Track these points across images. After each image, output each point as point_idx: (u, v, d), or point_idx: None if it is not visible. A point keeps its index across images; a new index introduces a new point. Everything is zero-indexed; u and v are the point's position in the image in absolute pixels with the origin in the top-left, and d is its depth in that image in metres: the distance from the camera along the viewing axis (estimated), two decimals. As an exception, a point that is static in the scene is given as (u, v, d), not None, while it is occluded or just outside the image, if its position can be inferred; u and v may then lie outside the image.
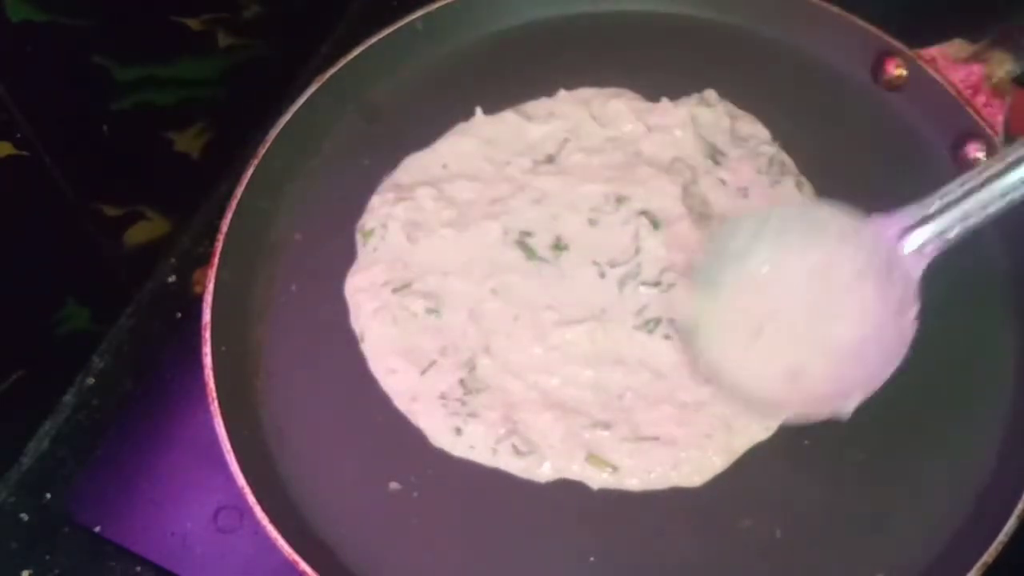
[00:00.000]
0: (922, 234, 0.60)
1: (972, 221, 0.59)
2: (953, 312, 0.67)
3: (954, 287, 0.68)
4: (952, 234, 0.60)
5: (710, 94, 0.77)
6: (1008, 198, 0.59)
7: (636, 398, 0.64)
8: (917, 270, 0.60)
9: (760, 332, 0.62)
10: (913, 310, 0.60)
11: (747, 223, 0.64)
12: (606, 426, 0.63)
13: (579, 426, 0.63)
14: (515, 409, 0.64)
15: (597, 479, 0.62)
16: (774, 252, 0.63)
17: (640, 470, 0.62)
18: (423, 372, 0.66)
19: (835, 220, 0.63)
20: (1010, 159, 0.58)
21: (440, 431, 0.64)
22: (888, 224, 0.61)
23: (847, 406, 0.59)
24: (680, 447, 0.62)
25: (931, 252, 0.61)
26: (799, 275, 0.63)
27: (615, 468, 0.62)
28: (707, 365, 0.63)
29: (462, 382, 0.65)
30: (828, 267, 0.62)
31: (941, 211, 0.60)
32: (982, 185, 0.59)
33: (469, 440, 0.63)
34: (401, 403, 0.65)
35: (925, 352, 0.65)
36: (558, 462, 0.62)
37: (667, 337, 0.66)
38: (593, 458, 0.62)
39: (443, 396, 0.65)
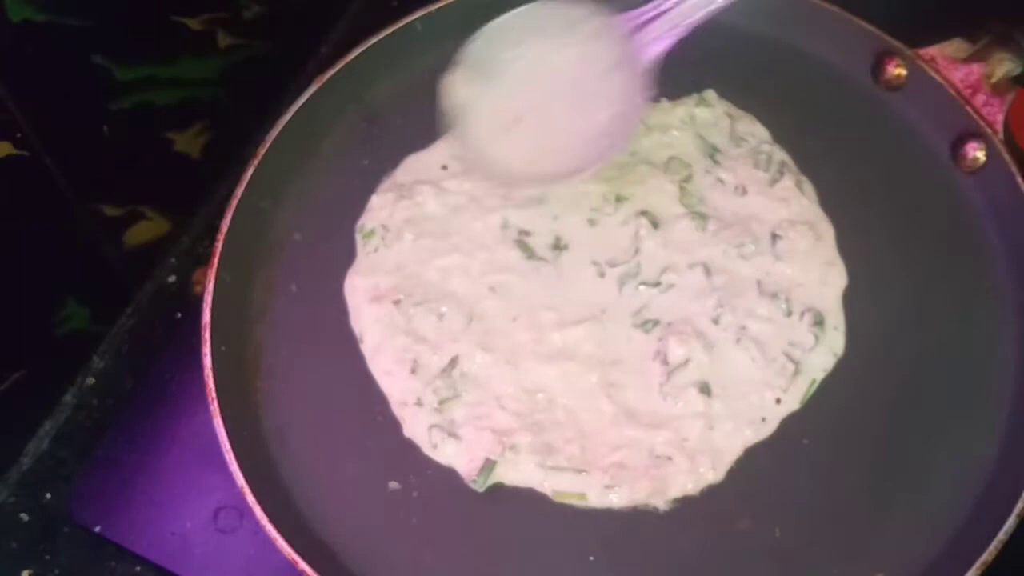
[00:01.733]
0: (655, 28, 0.66)
1: (699, 14, 0.66)
2: (953, 312, 0.67)
3: (954, 287, 0.68)
4: (681, 25, 0.66)
5: (710, 94, 0.77)
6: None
7: (621, 417, 0.64)
8: (649, 59, 0.66)
9: (519, 120, 0.67)
10: (648, 92, 0.66)
11: (516, 19, 0.68)
12: (579, 471, 0.62)
13: (552, 465, 0.62)
14: (495, 434, 0.63)
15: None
16: (534, 47, 0.68)
17: (624, 497, 0.62)
18: (412, 373, 0.66)
19: (588, 19, 0.67)
20: None
21: (423, 442, 0.64)
22: (624, 20, 0.67)
23: (587, 172, 0.66)
24: (663, 473, 0.62)
25: (664, 43, 0.66)
26: (553, 67, 0.68)
27: (583, 496, 0.62)
28: (469, 147, 0.68)
29: (441, 396, 0.65)
30: (575, 62, 0.68)
31: (673, 6, 0.66)
32: None
33: (447, 458, 0.63)
34: (394, 408, 0.65)
35: (925, 352, 0.66)
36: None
37: (660, 340, 0.66)
38: (559, 494, 0.62)
39: (419, 402, 0.65)
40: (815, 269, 0.69)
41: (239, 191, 0.70)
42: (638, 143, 0.75)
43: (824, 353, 0.66)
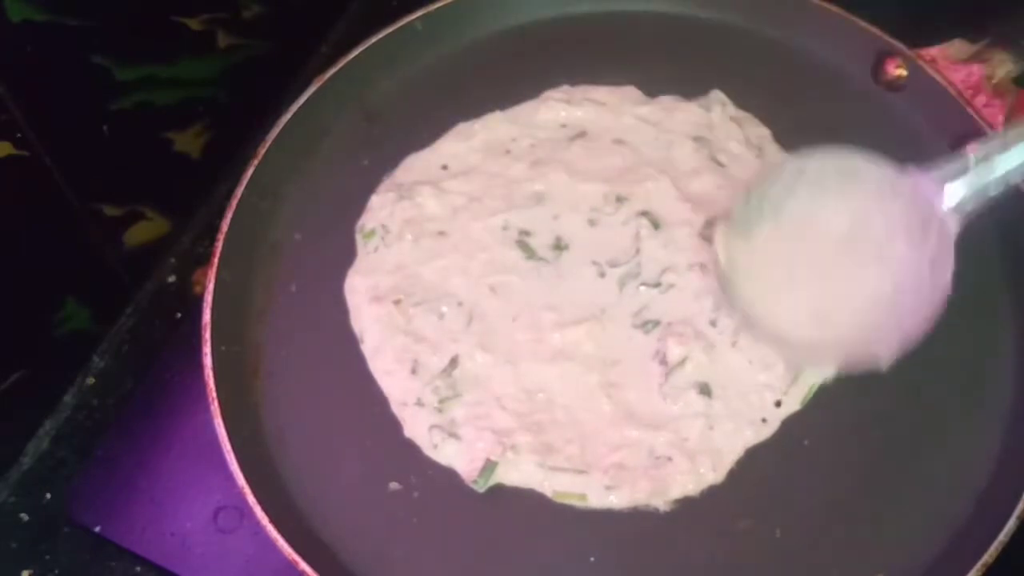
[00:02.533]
0: (959, 189, 0.60)
1: (1011, 177, 0.59)
2: (953, 312, 0.67)
3: (954, 287, 0.68)
4: (991, 190, 0.59)
5: (716, 95, 0.77)
6: None
7: (622, 417, 0.64)
8: (954, 226, 0.60)
9: (792, 277, 0.62)
10: (949, 267, 0.59)
11: (786, 170, 0.63)
12: (579, 471, 0.62)
13: (552, 465, 0.62)
14: (495, 434, 0.63)
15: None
16: (810, 200, 0.62)
17: (624, 497, 0.62)
18: (412, 373, 0.66)
19: (872, 171, 0.62)
20: None
21: (423, 443, 0.64)
22: (926, 178, 0.61)
23: (881, 358, 0.59)
24: (662, 473, 0.62)
25: (969, 208, 0.60)
26: (833, 224, 0.62)
27: (584, 496, 0.62)
28: (740, 309, 0.63)
29: (441, 396, 0.65)
30: (862, 217, 0.62)
31: (979, 165, 0.59)
32: (1021, 139, 0.58)
33: (447, 458, 0.63)
34: (394, 408, 0.65)
35: (925, 353, 0.65)
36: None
37: (660, 340, 0.66)
38: (559, 495, 0.62)
39: (420, 402, 0.65)
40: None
41: (239, 191, 0.70)
42: (640, 144, 0.75)
43: None
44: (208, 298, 0.66)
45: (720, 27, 0.82)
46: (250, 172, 0.71)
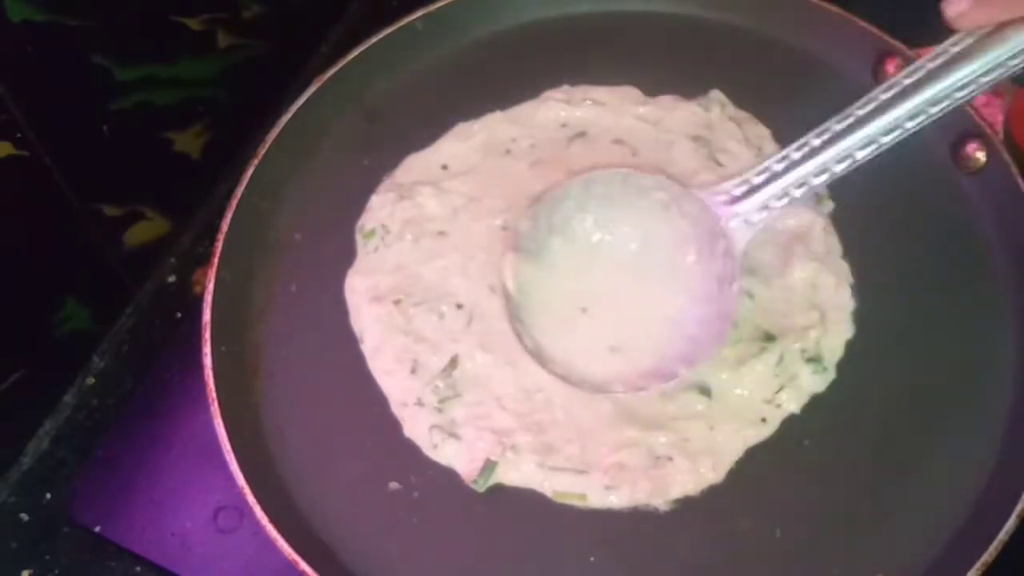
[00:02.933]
0: (746, 206, 0.61)
1: (797, 192, 0.61)
2: (953, 312, 0.67)
3: (954, 287, 0.68)
4: (779, 203, 0.61)
5: (716, 94, 0.77)
6: (829, 172, 0.61)
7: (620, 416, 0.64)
8: (741, 242, 0.61)
9: (584, 311, 0.63)
10: (737, 283, 0.60)
11: (572, 190, 0.63)
12: (579, 471, 0.62)
13: (552, 465, 0.62)
14: (495, 434, 0.63)
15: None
16: (596, 220, 0.63)
17: (624, 497, 0.62)
18: (412, 373, 0.66)
19: (659, 189, 0.63)
20: (836, 127, 0.61)
21: (423, 443, 0.64)
22: (712, 195, 0.62)
23: (671, 382, 0.61)
24: (663, 474, 0.62)
25: (756, 224, 0.61)
26: (622, 244, 0.63)
27: (584, 496, 0.62)
28: (535, 348, 0.63)
29: (441, 396, 0.65)
30: (650, 237, 0.63)
31: (766, 182, 0.61)
32: (806, 157, 0.61)
33: (447, 458, 0.63)
34: (394, 408, 0.65)
35: (925, 352, 0.66)
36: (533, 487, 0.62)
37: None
38: (559, 495, 0.62)
39: (419, 402, 0.65)
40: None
41: (239, 191, 0.70)
42: (640, 144, 0.74)
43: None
44: (208, 298, 0.66)
45: (720, 27, 0.82)
46: (250, 172, 0.71)
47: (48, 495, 0.70)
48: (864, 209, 0.71)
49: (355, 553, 0.60)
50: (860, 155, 0.62)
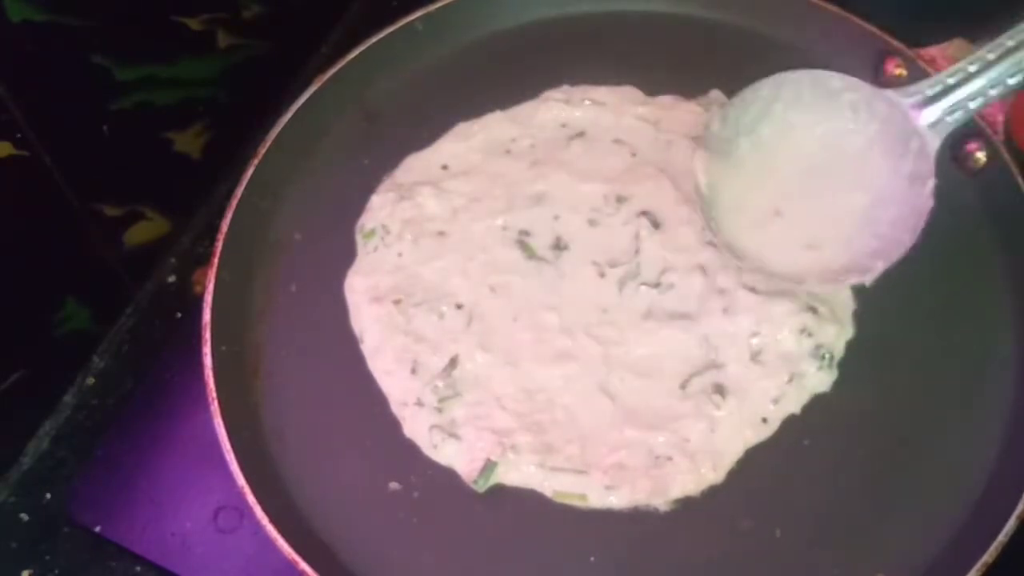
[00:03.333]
0: (940, 106, 0.61)
1: (992, 92, 0.60)
2: (953, 313, 0.67)
3: (954, 288, 0.68)
4: (973, 104, 0.60)
5: (715, 94, 0.77)
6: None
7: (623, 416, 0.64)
8: (935, 142, 0.61)
9: (777, 212, 0.62)
10: (930, 183, 0.60)
11: (762, 90, 0.63)
12: (579, 472, 0.62)
13: (552, 466, 0.62)
14: (495, 434, 0.63)
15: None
16: (786, 121, 0.63)
17: (624, 497, 0.62)
18: (412, 373, 0.66)
19: (848, 90, 0.62)
20: None
21: (423, 443, 0.64)
22: (904, 95, 0.61)
23: (867, 276, 0.61)
24: (662, 473, 0.62)
25: (950, 124, 0.61)
26: (811, 145, 0.63)
27: (584, 497, 0.62)
28: (727, 243, 0.63)
29: (441, 396, 0.65)
30: (839, 136, 0.62)
31: (960, 83, 0.60)
32: (1001, 57, 0.60)
33: (447, 458, 0.63)
34: (394, 408, 0.65)
35: (925, 352, 0.66)
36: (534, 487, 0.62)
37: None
38: (559, 495, 0.62)
39: (419, 402, 0.65)
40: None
41: (239, 191, 0.70)
42: (640, 144, 0.75)
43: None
44: (208, 298, 0.66)
45: (720, 27, 0.82)
46: (250, 172, 0.71)
47: (48, 495, 0.70)
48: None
49: (355, 553, 0.60)
50: None
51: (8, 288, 0.69)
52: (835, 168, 0.63)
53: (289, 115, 0.74)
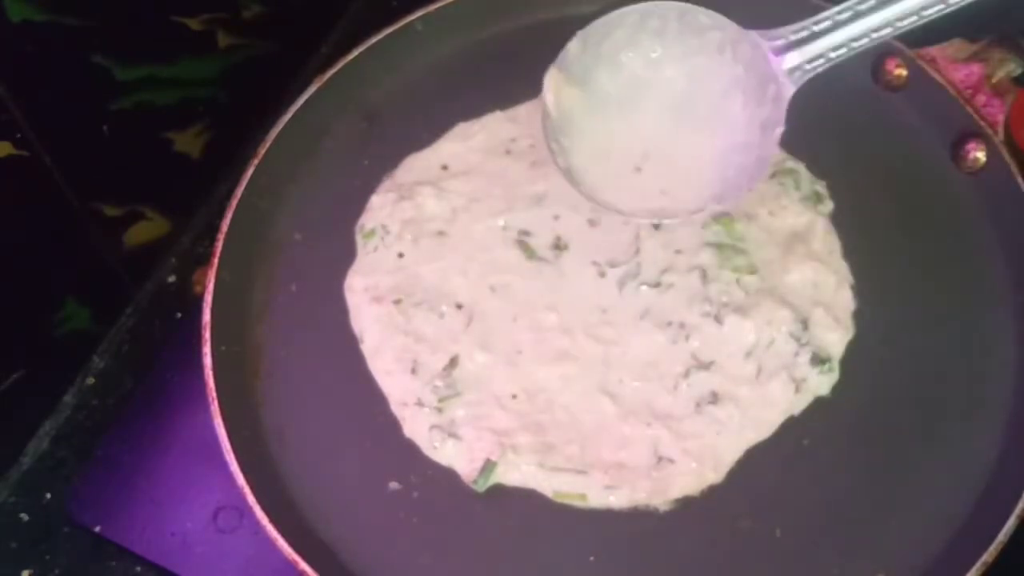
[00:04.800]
0: (803, 52, 0.60)
1: (855, 45, 0.59)
2: (953, 313, 0.67)
3: (954, 288, 0.68)
4: (835, 54, 0.59)
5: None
6: (892, 27, 0.59)
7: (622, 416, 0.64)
8: (790, 90, 0.60)
9: (638, 166, 0.62)
10: (778, 131, 0.59)
11: (628, 17, 0.62)
12: (579, 472, 0.62)
13: (552, 466, 0.62)
14: (495, 434, 0.63)
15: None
16: (651, 51, 0.61)
17: (624, 498, 0.62)
18: (412, 373, 0.66)
19: (716, 29, 0.61)
20: None
21: (423, 443, 0.64)
22: (768, 37, 0.60)
23: (696, 215, 0.61)
24: (663, 474, 0.62)
25: (809, 72, 0.60)
26: (676, 80, 0.61)
27: (584, 496, 0.62)
28: (564, 163, 0.62)
29: (441, 396, 0.65)
30: (705, 73, 0.61)
31: (826, 31, 0.59)
32: (873, 9, 0.59)
33: (447, 458, 0.63)
34: (394, 408, 0.65)
35: (925, 353, 0.66)
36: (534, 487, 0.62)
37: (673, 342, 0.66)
38: (559, 495, 0.62)
39: (420, 402, 0.65)
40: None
41: (239, 191, 0.70)
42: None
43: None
44: (208, 298, 0.66)
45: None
46: (250, 172, 0.71)
47: (48, 495, 0.70)
48: (864, 209, 0.71)
49: (355, 553, 0.61)
50: (929, 12, 0.59)
51: (8, 288, 0.69)
52: (698, 108, 0.61)
53: (289, 115, 0.74)
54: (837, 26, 0.60)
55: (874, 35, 0.60)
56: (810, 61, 0.61)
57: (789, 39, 0.61)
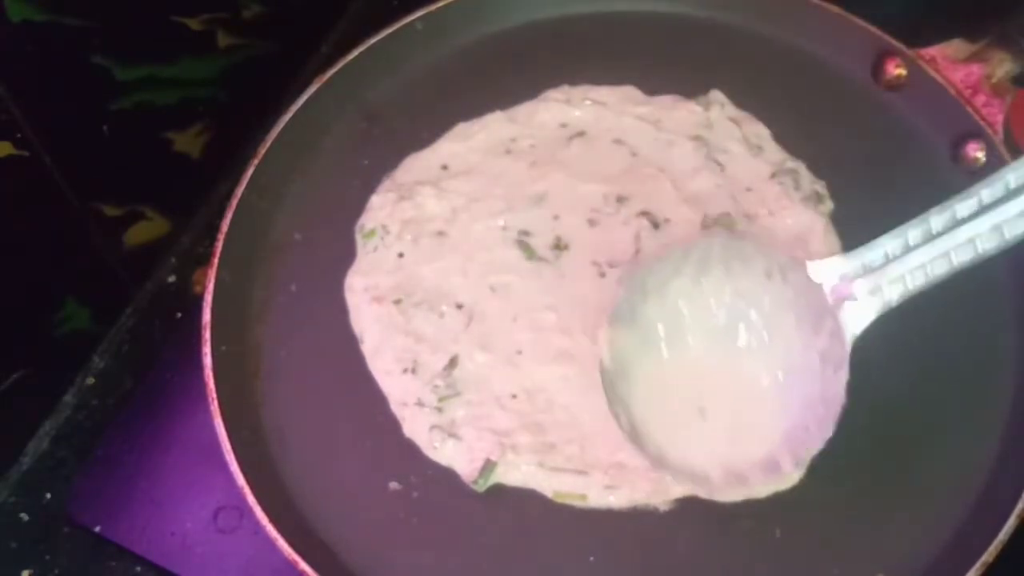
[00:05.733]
0: (861, 287, 0.55)
1: (925, 278, 0.53)
2: (953, 313, 0.67)
3: (954, 288, 0.68)
4: (896, 295, 0.53)
5: (715, 94, 0.77)
6: (949, 262, 0.52)
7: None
8: (852, 328, 0.54)
9: (702, 409, 0.58)
10: (843, 373, 0.54)
11: (670, 259, 0.60)
12: (579, 472, 0.62)
13: (552, 466, 0.62)
14: (495, 434, 0.63)
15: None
16: (696, 281, 0.59)
17: (624, 498, 0.61)
18: (412, 373, 0.66)
19: (762, 256, 0.58)
20: (973, 201, 0.50)
21: (423, 443, 0.64)
22: (823, 268, 0.56)
23: (785, 469, 0.57)
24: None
25: (872, 311, 0.54)
26: (721, 305, 0.59)
27: (584, 496, 0.62)
28: (652, 447, 0.58)
29: (441, 396, 0.65)
30: (750, 295, 0.57)
31: (894, 259, 0.54)
32: (938, 235, 0.52)
33: (447, 458, 0.63)
34: (394, 408, 0.65)
35: (925, 353, 0.66)
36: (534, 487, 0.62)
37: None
38: (559, 495, 0.62)
39: (419, 402, 0.65)
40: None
41: (239, 191, 0.70)
42: (640, 144, 0.75)
43: None
44: (208, 298, 0.66)
45: (720, 27, 0.82)
46: (250, 172, 0.71)
47: (48, 495, 0.70)
48: (864, 209, 0.71)
49: (355, 553, 0.60)
50: (984, 247, 0.52)
51: (8, 288, 0.69)
52: (747, 332, 0.58)
53: (289, 115, 0.74)
54: (908, 252, 0.54)
55: (950, 263, 0.53)
56: (868, 295, 0.54)
57: (845, 271, 0.55)
